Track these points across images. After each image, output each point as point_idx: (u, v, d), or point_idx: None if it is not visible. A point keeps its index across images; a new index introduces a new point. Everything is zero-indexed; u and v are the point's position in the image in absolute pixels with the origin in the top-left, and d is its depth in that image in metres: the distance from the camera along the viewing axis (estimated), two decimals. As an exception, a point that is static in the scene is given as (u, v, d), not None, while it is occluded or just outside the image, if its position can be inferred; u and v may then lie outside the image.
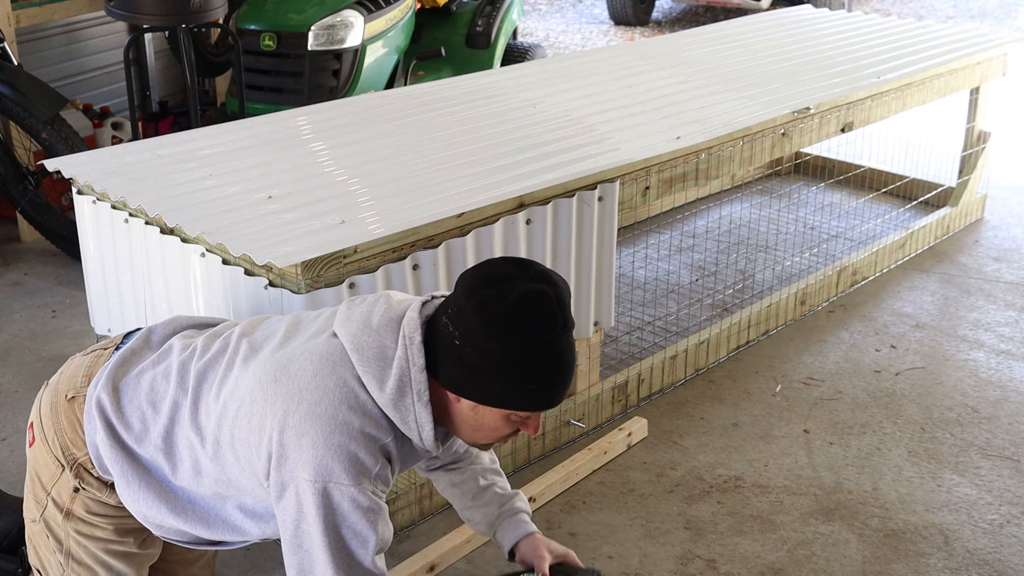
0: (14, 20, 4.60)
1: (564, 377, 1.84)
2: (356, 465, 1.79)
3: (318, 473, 1.78)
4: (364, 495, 1.81)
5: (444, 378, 1.83)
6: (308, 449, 1.79)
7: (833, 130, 3.89)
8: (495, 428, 1.87)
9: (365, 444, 1.81)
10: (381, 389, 1.82)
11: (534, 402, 1.83)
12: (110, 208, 2.78)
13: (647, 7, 10.45)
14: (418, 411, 1.83)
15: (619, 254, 4.47)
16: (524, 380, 1.80)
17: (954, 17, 10.73)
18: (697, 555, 2.78)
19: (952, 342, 3.89)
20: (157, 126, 5.27)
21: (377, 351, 1.83)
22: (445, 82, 3.87)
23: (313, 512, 1.79)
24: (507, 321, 1.76)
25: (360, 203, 2.67)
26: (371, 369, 1.82)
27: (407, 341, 1.82)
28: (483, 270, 1.84)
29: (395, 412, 1.83)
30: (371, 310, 1.89)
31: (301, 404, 1.81)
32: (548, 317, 1.78)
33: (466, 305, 1.78)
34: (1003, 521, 2.93)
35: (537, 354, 1.79)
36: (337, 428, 1.79)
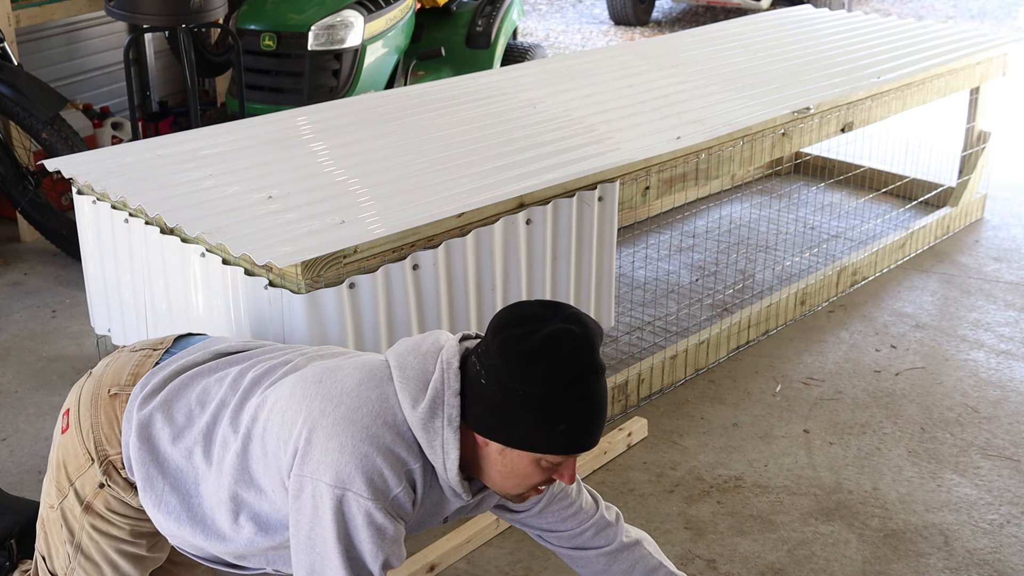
0: (14, 20, 4.60)
1: (594, 419, 1.78)
2: (377, 480, 1.77)
3: (339, 479, 1.76)
4: (380, 512, 1.78)
5: (471, 418, 1.80)
6: (335, 452, 1.77)
7: (833, 130, 3.89)
8: (526, 475, 1.82)
9: (391, 462, 1.79)
10: (414, 408, 1.80)
11: (562, 445, 1.77)
12: (110, 208, 2.78)
13: (647, 7, 10.45)
14: (446, 435, 1.80)
15: (619, 254, 4.47)
16: (550, 421, 1.74)
17: (954, 17, 10.73)
18: (697, 555, 2.78)
19: (952, 342, 3.89)
20: (157, 126, 5.27)
21: (419, 371, 1.83)
22: (445, 82, 3.87)
23: (329, 517, 1.77)
24: (531, 359, 1.73)
25: (360, 203, 2.66)
26: (409, 387, 1.82)
27: (444, 365, 1.81)
28: (514, 310, 1.81)
29: (424, 433, 1.80)
30: (423, 340, 1.90)
31: (339, 407, 1.80)
32: (574, 356, 1.74)
33: (492, 343, 1.77)
34: (1003, 521, 2.93)
35: (563, 394, 1.74)
36: (368, 438, 1.78)
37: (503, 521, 2.83)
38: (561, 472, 1.83)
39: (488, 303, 2.76)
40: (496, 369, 1.75)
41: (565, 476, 1.83)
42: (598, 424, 1.80)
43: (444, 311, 2.66)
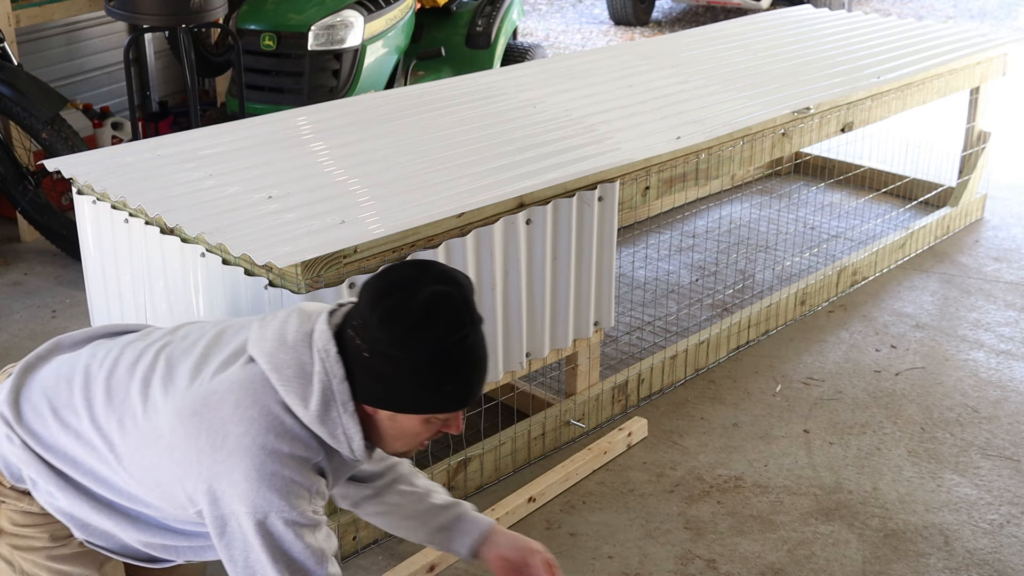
0: (14, 20, 4.60)
1: (478, 373, 1.83)
2: (292, 490, 1.78)
3: (256, 506, 1.76)
4: (304, 517, 1.79)
5: (359, 391, 1.80)
6: (241, 483, 1.76)
7: (833, 130, 3.89)
8: (416, 434, 1.86)
9: (298, 468, 1.79)
10: (306, 407, 1.79)
11: (451, 403, 1.82)
12: (110, 208, 2.78)
13: (647, 7, 10.45)
14: (345, 423, 1.81)
15: (619, 254, 4.47)
16: (438, 383, 1.78)
17: (954, 17, 10.73)
18: (697, 555, 2.78)
19: (952, 342, 3.89)
20: (157, 126, 5.27)
21: (296, 369, 1.80)
22: (445, 82, 3.86)
23: (258, 543, 1.78)
24: (412, 327, 1.73)
25: (360, 203, 2.67)
26: (293, 387, 1.79)
27: (322, 354, 1.79)
28: (384, 277, 1.81)
29: (322, 427, 1.80)
30: (284, 326, 1.85)
31: (227, 439, 1.77)
32: (454, 317, 1.76)
33: (371, 316, 1.75)
34: (1003, 521, 2.93)
35: (448, 355, 1.76)
36: (268, 458, 1.77)
37: (503, 521, 2.83)
38: (449, 425, 1.87)
39: (488, 303, 2.76)
40: (380, 341, 1.75)
41: (453, 427, 1.88)
42: (483, 375, 1.84)
43: (444, 311, 2.65)
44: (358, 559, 2.73)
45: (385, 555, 2.74)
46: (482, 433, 3.07)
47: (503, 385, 3.02)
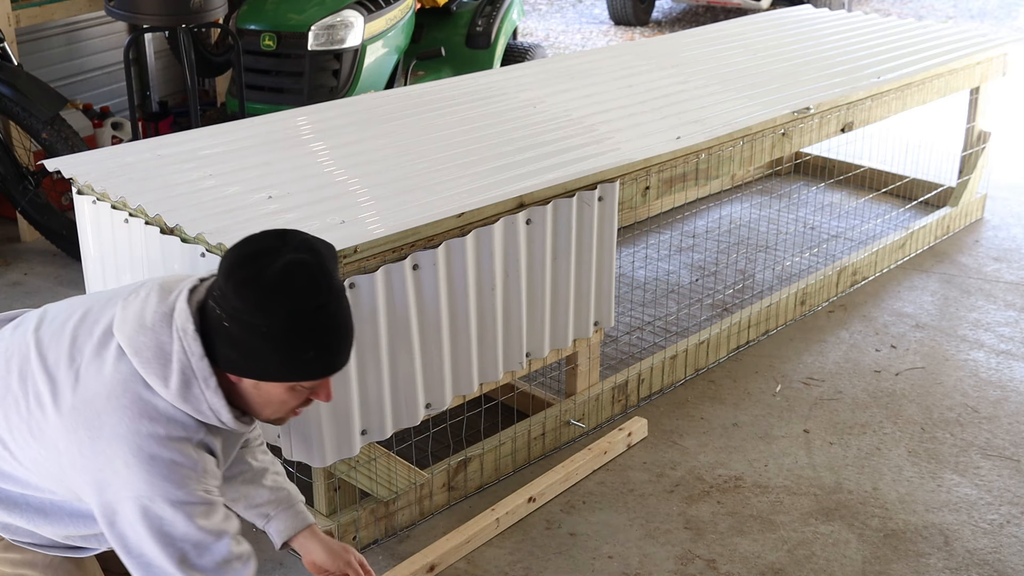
0: (14, 20, 4.60)
1: (341, 341, 1.84)
2: (175, 471, 1.79)
3: (140, 491, 1.77)
4: (193, 496, 1.80)
5: (221, 361, 1.82)
6: (123, 471, 1.77)
7: (833, 130, 3.89)
8: (283, 401, 1.87)
9: (178, 448, 1.80)
10: (166, 387, 1.80)
11: (313, 370, 1.83)
12: (110, 208, 2.78)
13: (647, 7, 10.45)
14: (209, 398, 1.82)
15: (619, 254, 4.47)
16: (299, 352, 1.79)
17: (954, 17, 10.73)
18: (697, 555, 2.78)
19: (952, 342, 3.89)
20: (157, 126, 5.27)
21: (155, 350, 1.81)
22: (445, 82, 3.86)
23: (145, 530, 1.78)
24: (269, 295, 1.75)
25: (360, 203, 2.67)
26: (153, 369, 1.80)
27: (181, 333, 1.81)
28: (243, 247, 1.82)
29: (186, 405, 1.81)
30: (144, 307, 1.86)
31: (103, 430, 1.78)
32: (310, 285, 1.77)
33: (227, 285, 1.77)
34: (1003, 521, 2.93)
35: (306, 323, 1.78)
36: (145, 442, 1.78)
37: (503, 521, 2.83)
38: (317, 392, 1.89)
39: (488, 303, 2.76)
40: (237, 311, 1.76)
41: (322, 395, 1.90)
42: (346, 344, 1.86)
43: (444, 311, 2.66)
44: (358, 559, 2.73)
45: (385, 555, 2.74)
46: (482, 433, 3.07)
47: (503, 385, 3.02)
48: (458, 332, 2.72)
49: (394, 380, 2.61)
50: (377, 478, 2.71)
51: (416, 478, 2.82)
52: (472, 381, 2.80)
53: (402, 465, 2.77)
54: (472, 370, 2.78)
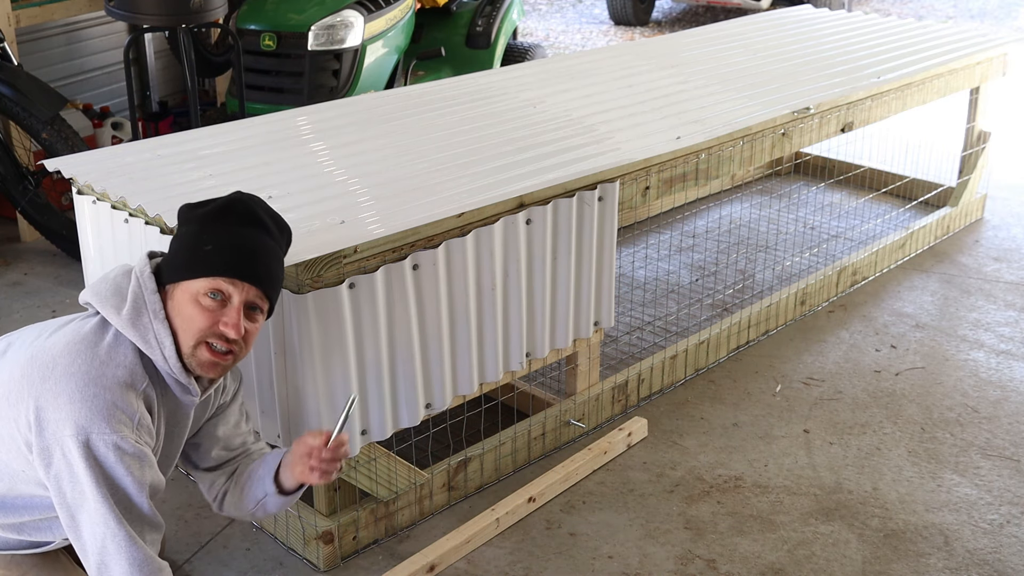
0: (14, 20, 4.60)
1: (240, 249, 2.02)
2: (115, 414, 1.91)
3: (79, 427, 1.88)
4: (127, 442, 1.91)
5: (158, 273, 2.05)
6: (66, 407, 1.89)
7: (833, 130, 3.89)
8: (191, 316, 2.01)
9: (122, 393, 1.93)
10: (119, 313, 1.98)
11: (211, 264, 2.00)
12: (110, 208, 2.78)
13: (647, 7, 10.45)
14: (156, 328, 1.98)
15: (619, 254, 4.47)
16: (197, 243, 2.02)
17: (954, 17, 10.73)
18: (697, 555, 2.78)
19: (952, 342, 3.89)
20: (157, 126, 5.28)
21: (113, 289, 2.02)
22: (445, 82, 3.86)
23: (82, 467, 1.88)
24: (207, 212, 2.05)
25: (360, 203, 2.67)
26: (109, 301, 2.00)
27: (138, 273, 2.03)
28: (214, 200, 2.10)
29: (135, 331, 1.97)
30: (107, 272, 2.09)
31: (55, 369, 1.92)
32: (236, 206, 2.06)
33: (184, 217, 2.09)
34: (1003, 521, 2.93)
35: (213, 224, 2.03)
36: (91, 381, 1.91)
37: (503, 521, 2.83)
38: (225, 313, 2.01)
39: (488, 303, 2.76)
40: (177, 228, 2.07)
41: (228, 318, 2.01)
42: (245, 256, 2.02)
43: (444, 311, 2.66)
44: (358, 559, 2.73)
45: (385, 555, 2.74)
46: (482, 433, 3.07)
47: (503, 385, 3.02)
48: (458, 332, 2.72)
49: (394, 380, 2.61)
50: (377, 478, 2.71)
51: (416, 478, 2.82)
52: (472, 381, 2.80)
53: (402, 465, 2.77)
54: (472, 370, 2.78)
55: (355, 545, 2.73)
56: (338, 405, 2.49)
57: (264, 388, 2.54)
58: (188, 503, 2.92)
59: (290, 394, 2.47)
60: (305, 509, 2.71)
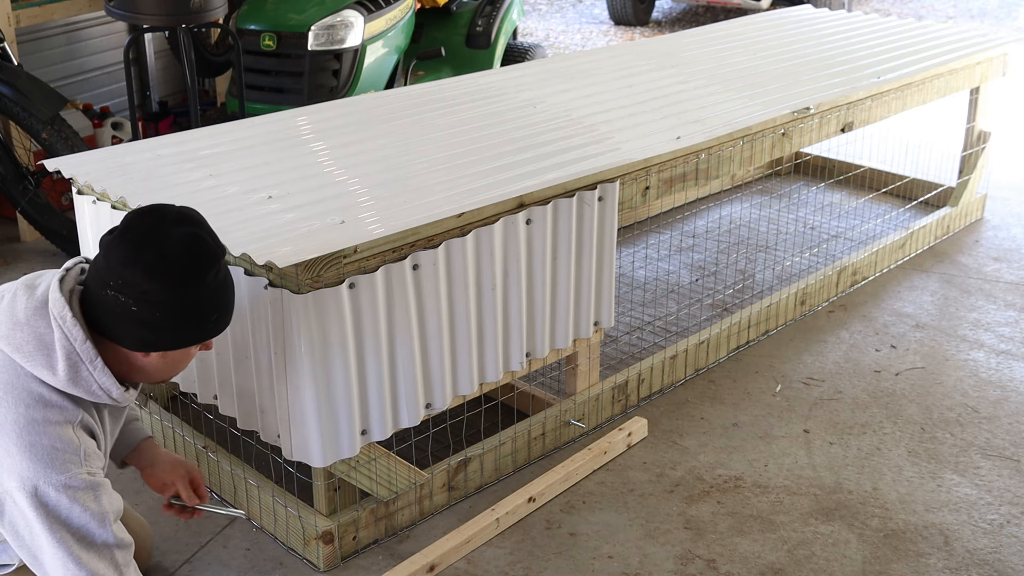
0: (14, 20, 4.60)
1: (232, 296, 2.11)
2: (57, 456, 1.86)
3: (24, 478, 1.84)
4: (78, 479, 1.87)
5: (129, 342, 1.95)
6: (5, 460, 1.85)
7: (833, 130, 3.89)
8: (187, 359, 2.10)
9: (58, 433, 1.88)
10: (55, 374, 1.90)
11: (218, 328, 2.09)
12: (110, 208, 2.78)
13: (647, 7, 10.45)
14: (98, 378, 1.93)
15: (619, 254, 4.47)
16: (207, 314, 2.03)
17: (954, 17, 10.73)
18: (697, 555, 2.78)
19: (952, 342, 3.89)
20: (157, 126, 5.28)
21: (36, 343, 1.90)
22: (445, 82, 3.87)
23: (34, 516, 1.85)
24: (181, 274, 1.95)
25: (360, 203, 2.67)
26: (38, 361, 1.90)
27: (60, 321, 1.91)
28: (128, 235, 1.94)
29: (76, 388, 1.91)
30: (13, 306, 1.95)
31: None
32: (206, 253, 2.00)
33: (133, 273, 1.92)
34: (1003, 521, 2.93)
35: (212, 290, 2.02)
36: (24, 430, 1.85)
37: (503, 521, 2.83)
38: (208, 343, 2.13)
39: (488, 303, 2.76)
40: (149, 293, 1.93)
41: (210, 345, 2.15)
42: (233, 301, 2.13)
43: (444, 311, 2.66)
44: (358, 559, 2.73)
45: (385, 555, 2.74)
46: (482, 433, 3.07)
47: (503, 385, 3.02)
48: (458, 332, 2.72)
49: (394, 380, 2.61)
50: (377, 478, 2.71)
51: (416, 478, 2.82)
52: (472, 381, 2.80)
53: (402, 465, 2.77)
54: (472, 370, 2.78)
55: (355, 545, 2.73)
56: (339, 405, 2.49)
57: (264, 388, 2.54)
58: (188, 503, 2.92)
59: (290, 394, 2.47)
60: (305, 509, 2.71)
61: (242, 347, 2.55)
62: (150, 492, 2.94)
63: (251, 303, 2.46)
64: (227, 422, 2.89)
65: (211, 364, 2.68)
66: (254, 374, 2.55)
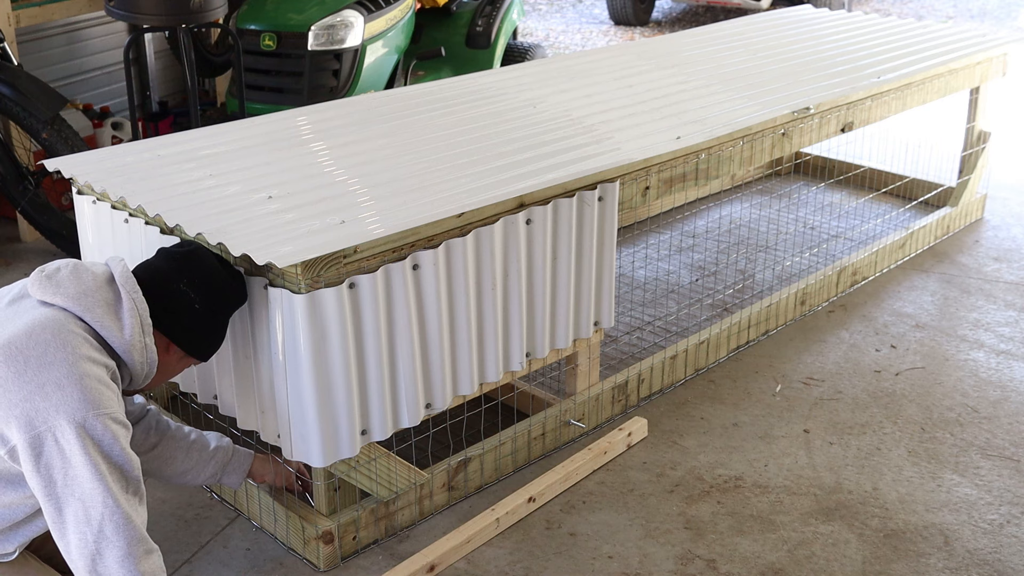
0: (14, 20, 4.61)
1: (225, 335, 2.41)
2: (103, 391, 1.96)
3: (73, 410, 1.90)
4: (119, 417, 1.97)
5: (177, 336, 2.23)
6: (55, 393, 1.90)
7: (833, 130, 3.89)
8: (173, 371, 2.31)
9: (103, 371, 1.99)
10: (122, 333, 2.06)
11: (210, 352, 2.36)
12: (110, 208, 2.78)
13: (647, 7, 10.45)
14: (149, 347, 2.12)
15: (619, 254, 4.47)
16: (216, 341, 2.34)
17: (954, 17, 10.74)
18: (697, 555, 2.78)
19: (952, 342, 3.89)
20: (157, 126, 5.28)
21: (105, 307, 2.06)
22: (445, 82, 3.86)
23: (78, 450, 1.89)
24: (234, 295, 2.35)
25: (360, 203, 2.67)
26: (108, 321, 2.05)
27: (132, 292, 2.12)
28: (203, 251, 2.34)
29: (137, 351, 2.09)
30: (80, 277, 2.09)
31: (29, 362, 1.92)
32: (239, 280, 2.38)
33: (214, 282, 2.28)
34: (1003, 521, 2.93)
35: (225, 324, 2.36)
36: (76, 362, 1.94)
37: (503, 521, 2.83)
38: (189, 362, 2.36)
39: (488, 303, 2.76)
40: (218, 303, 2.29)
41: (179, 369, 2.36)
42: None
43: (444, 311, 2.66)
44: (358, 559, 2.73)
45: (385, 555, 2.74)
46: (482, 433, 3.07)
47: (503, 385, 3.02)
48: (458, 332, 2.72)
49: (394, 380, 2.61)
50: (377, 478, 2.71)
51: (416, 478, 2.82)
52: (472, 381, 2.80)
53: (402, 465, 2.77)
54: (472, 370, 2.78)
55: (355, 545, 2.73)
56: (339, 405, 2.49)
57: (264, 388, 2.54)
58: (188, 503, 2.92)
59: (290, 394, 2.47)
60: (305, 509, 2.71)
61: (242, 347, 2.55)
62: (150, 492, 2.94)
63: (251, 303, 2.46)
64: (227, 422, 2.89)
65: (211, 364, 2.68)
66: (254, 374, 2.55)
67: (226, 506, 2.91)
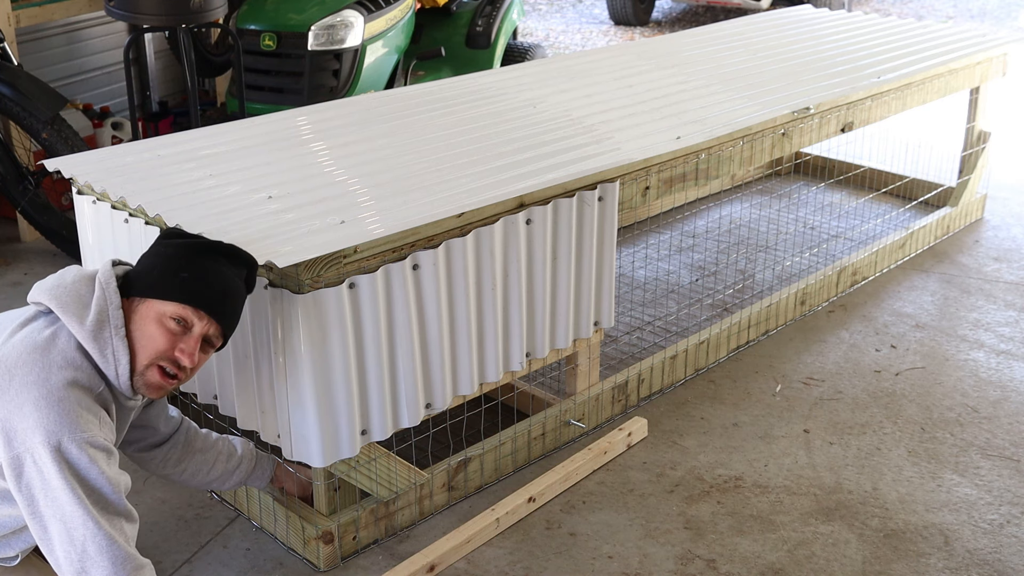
0: (14, 20, 4.61)
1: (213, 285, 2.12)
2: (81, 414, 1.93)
3: (49, 431, 1.89)
4: (97, 439, 1.94)
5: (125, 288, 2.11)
6: (32, 414, 1.90)
7: (833, 130, 3.89)
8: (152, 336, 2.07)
9: (82, 394, 1.96)
10: (82, 324, 2.01)
11: (180, 292, 2.08)
12: (110, 208, 2.78)
13: (647, 7, 10.45)
14: (115, 344, 2.02)
15: (619, 254, 4.47)
16: (176, 269, 2.09)
17: (954, 17, 10.74)
18: (697, 555, 2.78)
19: (952, 342, 3.89)
20: (157, 126, 5.28)
21: (74, 297, 2.04)
22: (445, 82, 3.86)
23: (55, 473, 1.89)
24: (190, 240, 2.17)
25: (360, 203, 2.67)
26: (71, 310, 2.02)
27: (103, 286, 2.05)
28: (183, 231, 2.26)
29: (95, 343, 2.01)
30: (63, 275, 2.10)
31: (13, 379, 1.93)
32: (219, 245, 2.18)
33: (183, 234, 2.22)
34: (1003, 521, 2.93)
35: (194, 256, 2.12)
36: (54, 386, 1.93)
37: (503, 521, 2.83)
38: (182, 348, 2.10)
39: (488, 303, 2.76)
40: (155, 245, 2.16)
41: (186, 347, 2.10)
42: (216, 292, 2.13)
43: (444, 311, 2.66)
44: (358, 559, 2.73)
45: (385, 555, 2.74)
46: (482, 433, 3.07)
47: (503, 385, 3.02)
48: (458, 332, 2.72)
49: (394, 380, 2.61)
50: (377, 478, 2.71)
51: (416, 478, 2.82)
52: (472, 381, 2.80)
53: (402, 465, 2.77)
54: (472, 370, 2.78)
55: (355, 545, 2.73)
56: (339, 405, 2.49)
57: (264, 388, 2.54)
58: (188, 503, 2.92)
59: (290, 394, 2.47)
60: (305, 509, 2.71)
61: (242, 347, 2.55)
62: (150, 492, 2.94)
63: (251, 303, 2.46)
64: (227, 422, 2.89)
65: (211, 364, 2.68)
66: (254, 374, 2.55)
67: (226, 506, 2.91)
